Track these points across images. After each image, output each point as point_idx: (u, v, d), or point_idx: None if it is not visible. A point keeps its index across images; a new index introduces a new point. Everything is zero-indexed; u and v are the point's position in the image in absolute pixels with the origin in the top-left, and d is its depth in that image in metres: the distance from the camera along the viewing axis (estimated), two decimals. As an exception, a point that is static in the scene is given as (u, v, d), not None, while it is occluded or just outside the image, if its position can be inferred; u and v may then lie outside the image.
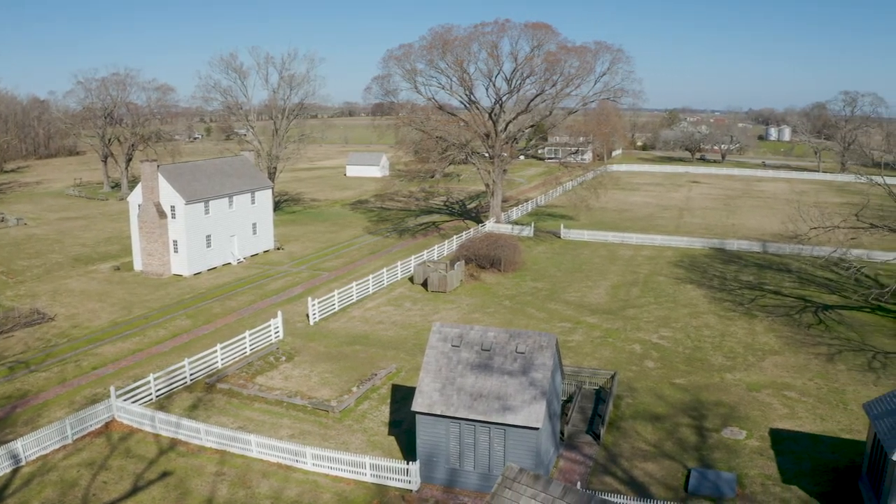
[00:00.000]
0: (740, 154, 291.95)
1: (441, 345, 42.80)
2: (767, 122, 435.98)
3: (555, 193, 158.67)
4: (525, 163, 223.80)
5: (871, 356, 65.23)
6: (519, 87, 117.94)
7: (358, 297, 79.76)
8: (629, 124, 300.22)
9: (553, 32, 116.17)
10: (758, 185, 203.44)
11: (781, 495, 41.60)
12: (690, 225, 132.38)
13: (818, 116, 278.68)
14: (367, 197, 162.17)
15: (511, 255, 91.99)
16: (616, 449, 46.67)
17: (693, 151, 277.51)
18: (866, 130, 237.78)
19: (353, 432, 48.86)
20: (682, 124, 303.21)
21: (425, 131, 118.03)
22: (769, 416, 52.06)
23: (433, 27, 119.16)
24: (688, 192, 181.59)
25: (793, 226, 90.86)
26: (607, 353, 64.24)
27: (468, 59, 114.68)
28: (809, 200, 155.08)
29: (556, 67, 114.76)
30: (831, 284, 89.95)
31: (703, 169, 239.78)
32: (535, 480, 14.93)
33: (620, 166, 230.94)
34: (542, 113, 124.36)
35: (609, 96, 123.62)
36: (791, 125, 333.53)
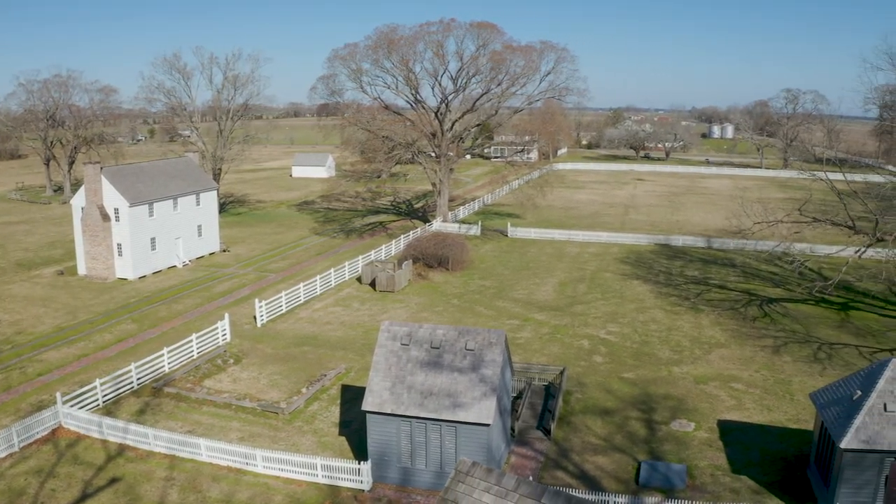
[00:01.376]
0: (684, 152, 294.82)
1: (390, 343, 42.74)
2: (710, 121, 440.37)
3: (501, 192, 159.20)
4: (471, 162, 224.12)
5: (817, 347, 66.35)
6: (465, 86, 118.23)
7: (305, 298, 79.40)
8: (574, 123, 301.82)
9: (499, 32, 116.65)
10: (702, 182, 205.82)
11: (731, 485, 42.19)
12: (636, 222, 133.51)
13: (761, 114, 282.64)
14: (313, 198, 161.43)
15: (459, 253, 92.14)
16: (566, 444, 46.97)
17: (637, 150, 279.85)
18: (808, 127, 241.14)
19: (303, 433, 48.64)
20: (627, 123, 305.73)
21: (371, 131, 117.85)
22: (717, 408, 52.77)
23: (379, 27, 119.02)
24: (633, 190, 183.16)
25: (736, 221, 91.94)
26: (556, 350, 64.62)
27: (414, 59, 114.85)
28: (753, 196, 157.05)
29: (502, 66, 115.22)
30: (775, 278, 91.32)
31: (648, 167, 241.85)
32: (488, 474, 14.98)
33: (566, 165, 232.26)
34: (488, 112, 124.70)
35: (554, 95, 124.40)
36: (734, 123, 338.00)
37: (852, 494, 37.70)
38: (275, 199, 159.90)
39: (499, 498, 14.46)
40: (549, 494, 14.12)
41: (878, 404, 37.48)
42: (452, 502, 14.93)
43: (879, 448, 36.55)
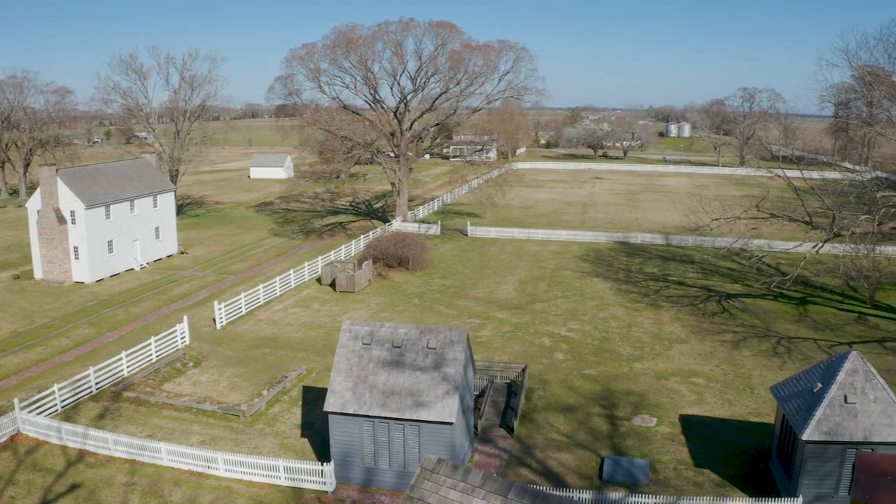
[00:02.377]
0: (642, 150, 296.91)
1: (352, 343, 42.50)
2: (668, 119, 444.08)
3: (461, 192, 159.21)
4: (431, 162, 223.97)
5: (776, 341, 67.00)
6: (423, 85, 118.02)
7: (265, 299, 78.88)
8: (533, 122, 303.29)
9: (457, 31, 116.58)
10: (659, 180, 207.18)
11: (694, 479, 42.43)
12: (595, 220, 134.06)
13: (717, 113, 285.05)
14: (271, 199, 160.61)
15: (419, 253, 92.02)
16: (530, 441, 46.98)
17: (596, 148, 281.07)
18: (765, 125, 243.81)
19: (264, 436, 48.25)
20: (585, 122, 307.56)
21: (330, 131, 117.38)
22: (678, 403, 53.10)
23: (337, 26, 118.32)
24: (591, 188, 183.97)
25: (695, 218, 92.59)
26: (517, 347, 64.67)
27: (372, 58, 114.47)
28: (710, 194, 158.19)
29: (461, 66, 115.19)
30: (734, 274, 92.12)
31: (606, 165, 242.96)
32: (453, 470, 14.86)
33: (525, 164, 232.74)
34: (447, 111, 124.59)
35: (513, 94, 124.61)
36: (691, 121, 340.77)
37: (815, 486, 38.05)
38: (233, 201, 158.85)
39: (465, 494, 14.34)
40: (515, 490, 14.03)
41: (839, 396, 37.86)
42: (419, 500, 14.79)
43: (841, 439, 36.92)
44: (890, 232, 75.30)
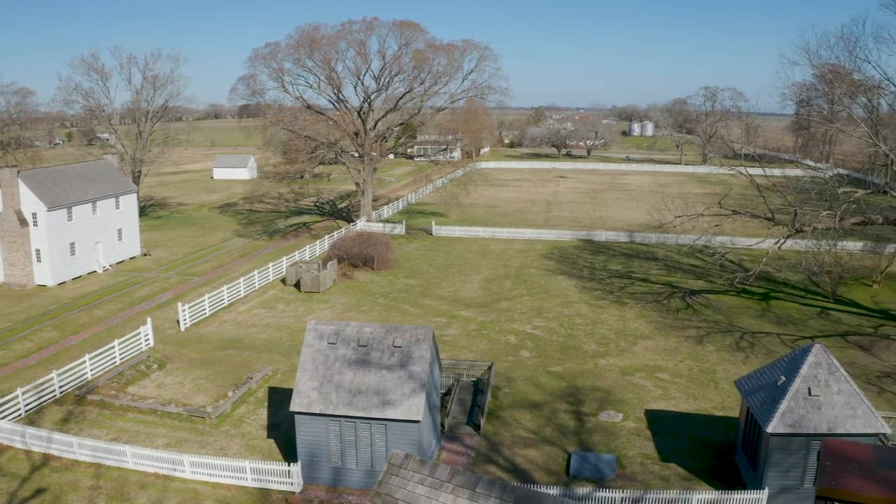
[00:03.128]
0: (605, 149, 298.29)
1: (317, 343, 42.34)
2: (631, 119, 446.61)
3: (425, 191, 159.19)
4: (395, 161, 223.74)
5: (739, 336, 67.63)
6: (387, 85, 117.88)
7: (229, 300, 78.43)
8: (497, 122, 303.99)
9: (421, 30, 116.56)
10: (623, 178, 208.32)
11: (661, 473, 42.71)
12: (559, 218, 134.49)
13: (680, 111, 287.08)
14: (235, 199, 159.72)
15: (384, 252, 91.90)
16: (497, 438, 47.07)
17: (559, 147, 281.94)
18: (727, 124, 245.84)
19: (230, 437, 47.98)
20: (549, 121, 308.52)
21: (293, 131, 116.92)
22: (644, 398, 53.46)
23: (300, 25, 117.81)
24: (555, 187, 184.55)
25: (658, 216, 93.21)
26: (483, 346, 64.76)
27: (336, 58, 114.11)
28: (673, 192, 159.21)
29: (425, 65, 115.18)
30: (697, 270, 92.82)
31: (570, 164, 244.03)
32: (421, 465, 14.83)
33: (489, 163, 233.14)
34: (410, 111, 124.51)
35: (477, 94, 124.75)
36: (653, 120, 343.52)
37: (780, 478, 38.42)
38: (196, 202, 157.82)
39: (433, 489, 14.32)
40: (482, 484, 14.02)
41: (803, 389, 38.24)
42: (387, 495, 14.75)
43: (805, 431, 37.32)
44: (851, 228, 76.15)
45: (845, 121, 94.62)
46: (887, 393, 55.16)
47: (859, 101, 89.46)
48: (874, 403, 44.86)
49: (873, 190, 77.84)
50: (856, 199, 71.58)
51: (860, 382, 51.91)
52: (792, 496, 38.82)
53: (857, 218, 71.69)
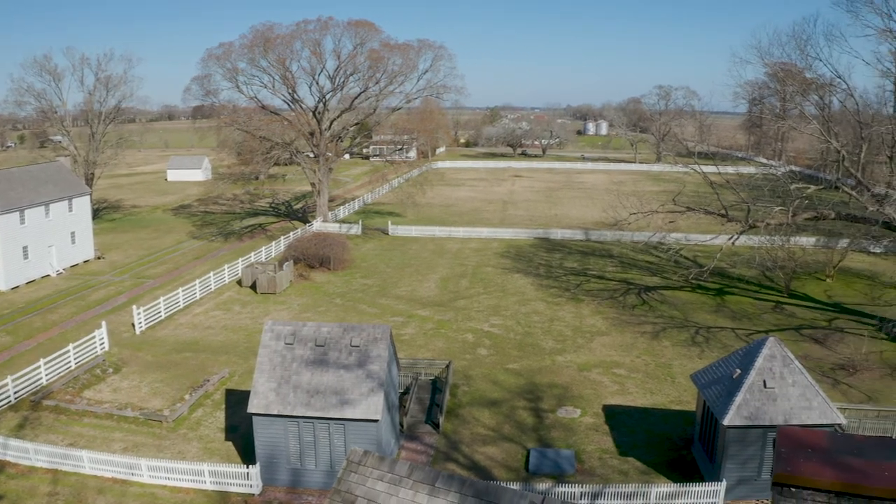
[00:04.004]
0: (560, 148, 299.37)
1: (274, 343, 42.13)
2: (585, 118, 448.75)
3: (381, 191, 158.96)
4: (351, 162, 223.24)
5: (695, 331, 68.32)
6: (343, 85, 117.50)
7: (185, 303, 77.80)
8: (452, 122, 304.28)
9: (376, 30, 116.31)
10: (578, 177, 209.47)
11: (619, 467, 43.06)
12: (515, 217, 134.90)
13: (634, 111, 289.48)
14: (189, 201, 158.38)
15: (340, 253, 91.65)
16: (456, 436, 47.14)
17: (515, 147, 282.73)
18: (680, 122, 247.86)
19: (188, 441, 47.62)
20: (504, 121, 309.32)
21: (248, 131, 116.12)
22: (601, 394, 53.86)
23: (255, 25, 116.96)
24: (511, 186, 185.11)
25: (613, 213, 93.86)
26: (441, 344, 64.84)
27: (291, 58, 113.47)
28: (628, 189, 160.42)
29: (380, 65, 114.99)
30: (652, 267, 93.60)
31: (525, 163, 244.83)
32: (380, 462, 14.81)
33: (445, 163, 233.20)
34: (366, 111, 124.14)
35: (432, 93, 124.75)
36: (608, 120, 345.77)
37: (738, 470, 38.85)
38: (150, 204, 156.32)
39: (392, 485, 14.31)
40: (442, 479, 14.03)
41: (758, 381, 38.68)
42: (346, 493, 14.70)
43: (761, 423, 37.75)
44: (804, 223, 77.11)
45: (797, 118, 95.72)
46: (842, 385, 55.98)
47: (811, 98, 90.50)
48: (829, 395, 45.45)
49: (825, 186, 78.62)
50: (808, 195, 72.41)
51: (815, 375, 52.58)
52: (749, 487, 39.28)
53: (809, 213, 72.53)
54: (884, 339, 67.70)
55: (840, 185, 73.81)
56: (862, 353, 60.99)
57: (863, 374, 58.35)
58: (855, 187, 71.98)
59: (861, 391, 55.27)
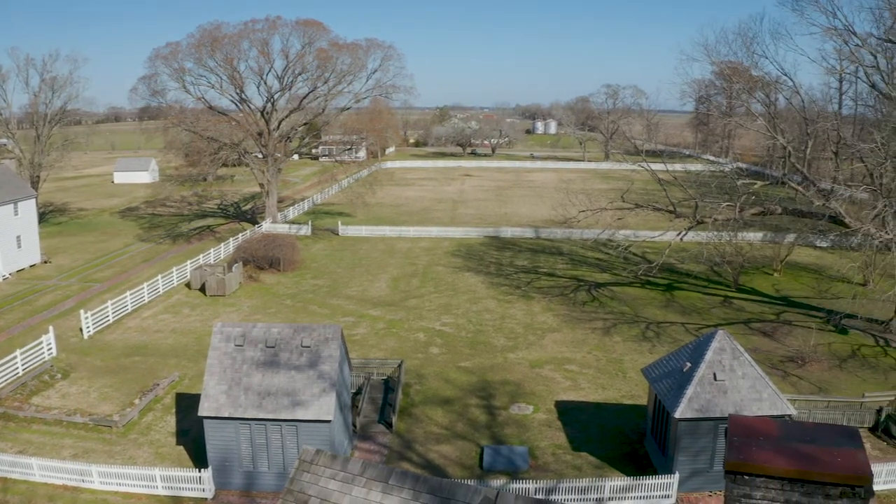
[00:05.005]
0: (510, 147, 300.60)
1: (224, 345, 41.73)
2: (534, 117, 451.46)
3: (331, 191, 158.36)
4: (300, 162, 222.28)
5: (645, 326, 68.94)
6: (291, 84, 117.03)
7: (133, 306, 76.90)
8: (402, 122, 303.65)
9: (325, 29, 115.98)
10: (527, 175, 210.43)
11: (573, 462, 43.33)
12: (465, 216, 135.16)
13: (582, 110, 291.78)
14: (137, 204, 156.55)
15: (290, 254, 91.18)
16: (409, 435, 47.10)
17: (464, 146, 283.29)
18: (628, 121, 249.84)
19: (139, 446, 47.07)
20: (453, 121, 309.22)
21: (196, 132, 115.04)
22: (553, 390, 54.17)
23: (202, 25, 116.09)
24: (461, 185, 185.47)
25: (562, 211, 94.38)
26: (392, 344, 64.76)
27: (238, 57, 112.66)
28: (577, 187, 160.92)
29: (328, 64, 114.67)
30: (602, 263, 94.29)
31: (475, 163, 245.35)
32: (333, 460, 14.71)
33: (395, 163, 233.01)
34: (315, 111, 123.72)
35: (382, 93, 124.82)
36: (557, 119, 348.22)
37: (690, 462, 39.22)
38: (97, 207, 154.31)
39: (345, 483, 14.22)
40: (395, 476, 13.97)
41: (708, 374, 39.07)
42: (299, 493, 14.57)
43: (712, 415, 38.13)
44: (751, 218, 77.90)
45: (744, 116, 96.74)
46: (791, 377, 56.84)
47: (757, 96, 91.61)
48: (779, 386, 45.94)
49: (772, 182, 79.75)
50: (755, 191, 73.25)
51: (764, 367, 53.21)
52: (702, 479, 39.70)
53: (756, 209, 73.33)
54: (831, 331, 68.82)
55: (786, 181, 74.74)
56: (810, 345, 61.95)
57: (811, 365, 59.26)
58: (801, 183, 72.94)
59: (810, 382, 56.16)
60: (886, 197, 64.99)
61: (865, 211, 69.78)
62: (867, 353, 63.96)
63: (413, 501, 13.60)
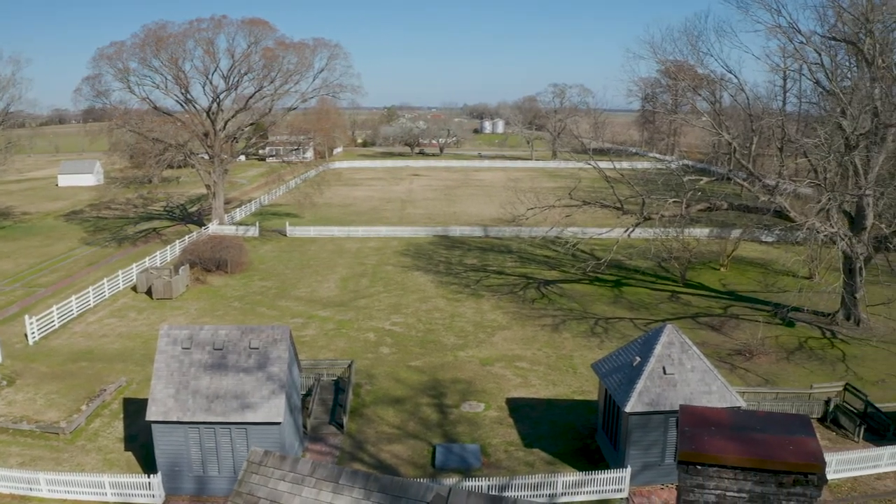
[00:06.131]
0: (458, 147, 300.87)
1: (171, 348, 41.23)
2: (482, 117, 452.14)
3: (278, 192, 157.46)
4: (247, 163, 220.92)
5: (594, 322, 69.40)
6: (237, 84, 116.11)
7: (79, 311, 75.78)
8: (349, 122, 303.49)
9: (271, 28, 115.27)
10: (475, 174, 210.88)
11: (525, 459, 43.44)
12: (414, 215, 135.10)
13: (529, 109, 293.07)
14: (81, 207, 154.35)
15: (237, 255, 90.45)
16: (361, 436, 46.93)
17: (412, 146, 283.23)
18: (575, 119, 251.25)
19: (87, 452, 46.38)
20: (401, 120, 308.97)
21: (140, 133, 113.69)
22: (504, 387, 54.32)
23: (147, 24, 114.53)
24: (409, 185, 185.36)
25: (511, 209, 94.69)
26: (342, 344, 64.54)
27: (183, 57, 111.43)
28: (525, 186, 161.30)
29: (275, 64, 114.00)
30: (551, 261, 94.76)
31: (423, 162, 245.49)
32: (282, 461, 14.55)
33: (343, 163, 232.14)
34: (261, 111, 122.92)
35: (329, 93, 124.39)
36: (504, 118, 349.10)
37: (641, 455, 39.51)
38: (41, 210, 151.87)
39: (295, 484, 14.08)
40: (346, 475, 13.86)
41: (658, 368, 39.35)
42: (248, 495, 14.40)
43: (662, 409, 38.42)
44: (697, 214, 78.67)
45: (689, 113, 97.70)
46: (739, 369, 57.57)
47: (703, 93, 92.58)
48: (728, 380, 46.37)
49: (717, 178, 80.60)
50: (701, 187, 74.09)
51: (713, 360, 53.60)
52: (654, 472, 40.03)
53: (702, 205, 74.08)
54: (778, 324, 69.75)
55: (732, 177, 75.70)
56: (758, 338, 62.72)
57: (759, 358, 60.03)
58: (746, 179, 73.77)
59: (758, 375, 56.91)
60: (831, 191, 65.95)
61: (810, 205, 70.86)
62: (814, 345, 64.93)
63: (364, 500, 13.50)
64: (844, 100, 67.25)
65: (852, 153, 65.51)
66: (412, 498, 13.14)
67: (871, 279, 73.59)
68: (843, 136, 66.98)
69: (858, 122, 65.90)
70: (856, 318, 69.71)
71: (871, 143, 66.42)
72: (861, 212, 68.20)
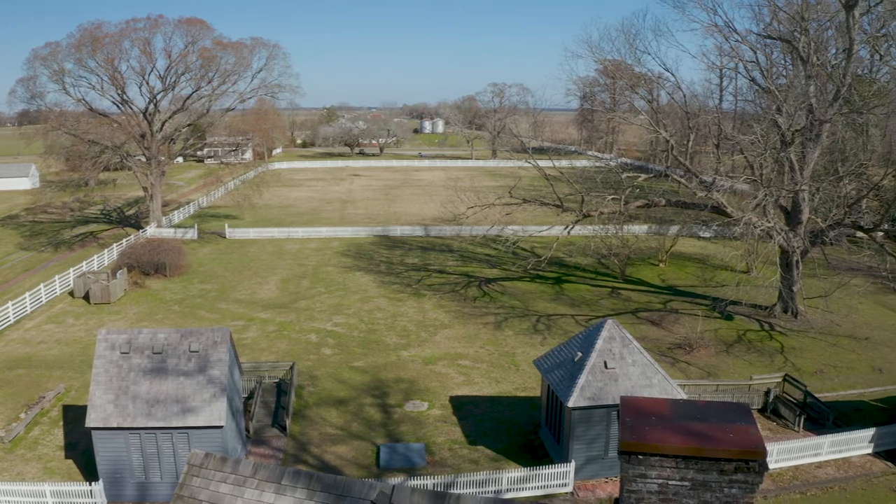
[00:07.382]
0: (397, 147, 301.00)
1: (109, 353, 40.64)
2: (422, 117, 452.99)
3: (217, 194, 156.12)
4: (185, 165, 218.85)
5: (536, 320, 69.79)
6: (174, 84, 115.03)
7: (15, 317, 74.44)
8: (289, 122, 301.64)
9: (208, 28, 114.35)
10: (416, 174, 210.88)
11: (470, 456, 43.59)
12: (354, 216, 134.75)
13: (469, 108, 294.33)
14: (17, 211, 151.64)
15: (176, 258, 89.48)
16: (304, 437, 46.70)
17: (352, 146, 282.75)
18: (514, 119, 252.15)
19: (27, 461, 45.55)
20: (341, 121, 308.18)
21: (76, 135, 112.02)
22: (447, 386, 54.48)
23: (82, 24, 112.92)
24: (349, 185, 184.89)
25: (451, 208, 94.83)
26: (284, 346, 64.19)
27: (120, 57, 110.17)
28: (465, 185, 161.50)
29: (212, 64, 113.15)
30: (492, 259, 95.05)
31: (363, 162, 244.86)
32: (222, 463, 14.41)
33: (282, 164, 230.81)
34: (199, 111, 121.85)
35: (267, 93, 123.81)
36: (444, 118, 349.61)
37: (585, 450, 39.90)
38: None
39: (237, 486, 13.95)
40: (288, 476, 13.79)
41: (599, 363, 39.70)
42: (189, 498, 14.23)
43: (605, 403, 38.81)
44: (636, 211, 79.48)
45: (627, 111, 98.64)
46: (680, 363, 58.28)
47: (640, 92, 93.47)
48: (668, 373, 46.96)
49: (655, 175, 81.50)
50: (639, 184, 74.79)
51: (654, 354, 54.27)
52: (598, 466, 40.42)
53: (640, 202, 74.81)
54: (717, 317, 70.75)
55: (669, 174, 76.53)
56: (697, 332, 63.60)
57: (699, 351, 60.86)
58: (684, 175, 74.67)
59: (699, 368, 57.72)
60: (767, 187, 67.00)
61: (746, 201, 71.94)
62: (753, 337, 66.00)
63: (308, 500, 13.43)
64: (780, 97, 68.41)
65: (788, 149, 66.65)
66: (356, 497, 13.10)
67: (808, 272, 74.99)
68: (778, 132, 68.10)
69: (794, 118, 67.09)
70: (793, 310, 70.92)
71: (807, 140, 67.62)
72: (797, 207, 69.39)
